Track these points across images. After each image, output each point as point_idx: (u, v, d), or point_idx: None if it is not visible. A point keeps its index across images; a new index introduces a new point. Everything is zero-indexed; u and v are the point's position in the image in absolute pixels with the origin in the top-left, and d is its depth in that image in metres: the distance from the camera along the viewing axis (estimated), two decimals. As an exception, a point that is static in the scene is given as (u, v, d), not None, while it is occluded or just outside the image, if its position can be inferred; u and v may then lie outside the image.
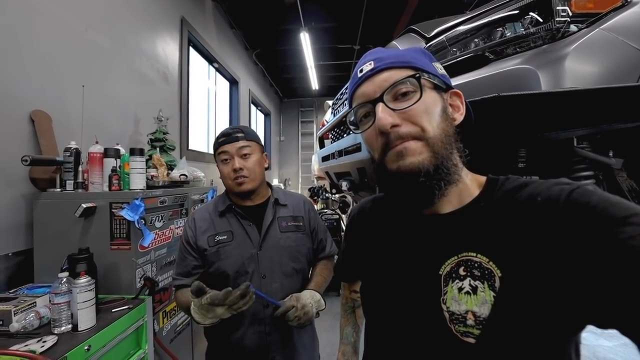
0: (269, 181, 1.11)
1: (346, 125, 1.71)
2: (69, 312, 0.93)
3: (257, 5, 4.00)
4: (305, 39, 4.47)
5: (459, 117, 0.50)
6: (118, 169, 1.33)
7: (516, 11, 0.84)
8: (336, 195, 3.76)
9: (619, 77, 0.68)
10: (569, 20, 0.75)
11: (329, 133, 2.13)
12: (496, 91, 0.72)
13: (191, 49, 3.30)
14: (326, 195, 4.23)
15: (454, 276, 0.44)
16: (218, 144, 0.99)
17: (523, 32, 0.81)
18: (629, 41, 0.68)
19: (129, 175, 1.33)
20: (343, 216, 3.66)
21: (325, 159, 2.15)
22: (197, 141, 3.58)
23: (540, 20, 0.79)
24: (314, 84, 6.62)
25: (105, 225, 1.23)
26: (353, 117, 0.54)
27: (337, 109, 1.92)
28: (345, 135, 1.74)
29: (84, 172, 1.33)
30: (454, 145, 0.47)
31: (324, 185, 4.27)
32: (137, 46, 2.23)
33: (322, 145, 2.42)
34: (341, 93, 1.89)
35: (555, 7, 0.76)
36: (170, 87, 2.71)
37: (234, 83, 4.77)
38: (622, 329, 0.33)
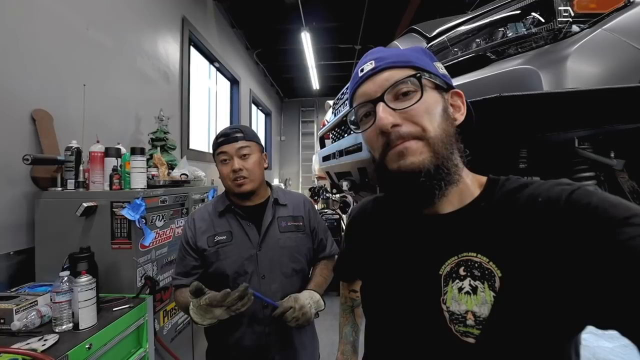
0: (269, 181, 1.10)
1: (347, 125, 1.71)
2: (70, 310, 0.93)
3: (258, 4, 4.00)
4: (306, 39, 4.47)
5: (460, 117, 0.50)
6: (119, 168, 1.33)
7: (518, 11, 0.84)
8: (337, 195, 3.77)
9: (621, 77, 0.68)
10: (571, 20, 0.75)
11: (330, 133, 2.12)
12: (498, 91, 0.72)
13: (192, 49, 3.30)
14: (327, 195, 4.23)
15: (454, 276, 0.44)
16: (217, 144, 0.98)
17: (525, 33, 0.81)
18: (631, 42, 0.68)
19: (129, 175, 1.33)
20: (343, 216, 3.67)
21: (326, 158, 2.15)
22: (198, 141, 3.58)
23: (542, 20, 0.79)
24: (315, 83, 6.62)
25: (106, 225, 1.23)
26: (354, 116, 0.54)
27: (337, 108, 1.92)
28: (346, 135, 1.74)
29: (85, 171, 1.33)
30: (454, 146, 0.47)
31: (324, 185, 4.28)
32: (139, 45, 2.24)
33: (322, 145, 2.42)
34: (342, 93, 1.89)
35: (558, 8, 0.76)
36: (171, 86, 2.72)
37: (234, 83, 4.77)
38: (622, 330, 0.33)
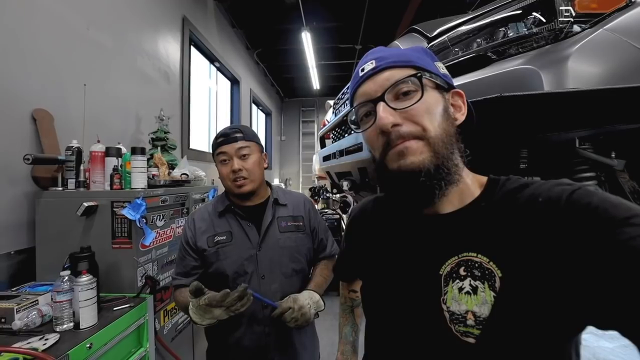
0: (269, 181, 1.10)
1: (347, 125, 1.71)
2: (70, 310, 0.93)
3: (258, 4, 4.00)
4: (307, 39, 4.47)
5: (461, 117, 0.50)
6: (119, 168, 1.33)
7: (519, 11, 0.83)
8: (337, 195, 3.76)
9: (622, 77, 0.68)
10: (572, 20, 0.75)
11: (330, 133, 2.12)
12: (498, 91, 0.72)
13: (192, 48, 3.30)
14: (327, 195, 4.23)
15: (454, 276, 0.44)
16: (216, 145, 0.98)
17: (526, 32, 0.81)
18: (632, 42, 0.68)
19: (130, 174, 1.33)
20: (344, 216, 3.66)
21: (326, 158, 2.15)
22: (199, 140, 3.58)
23: (543, 20, 0.79)
24: (315, 83, 6.62)
25: (106, 224, 1.23)
26: (354, 116, 0.54)
27: (338, 108, 1.91)
28: (346, 135, 1.74)
29: (85, 171, 1.33)
30: (455, 145, 0.47)
31: (324, 185, 4.28)
32: (139, 45, 2.24)
33: (323, 145, 2.41)
34: (342, 93, 1.89)
35: (559, 7, 0.75)
36: (171, 86, 2.72)
37: (235, 82, 4.77)
38: (622, 331, 0.33)
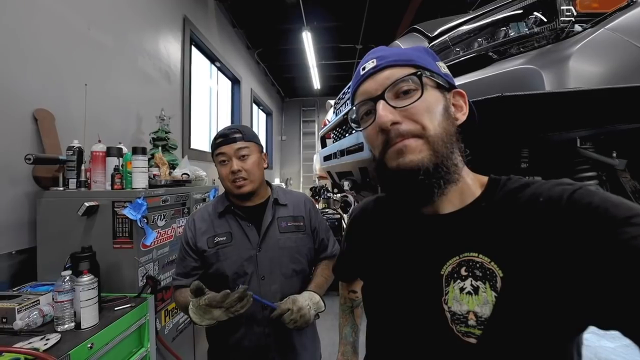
0: (270, 180, 1.10)
1: (348, 124, 1.70)
2: (72, 310, 0.93)
3: (259, 4, 4.00)
4: (307, 39, 4.47)
5: (462, 117, 0.50)
6: (120, 167, 1.34)
7: (520, 11, 0.83)
8: (338, 195, 3.76)
9: (624, 77, 0.67)
10: (573, 20, 0.75)
11: (331, 132, 2.12)
12: (499, 91, 0.72)
13: (193, 48, 3.31)
14: (328, 194, 4.23)
15: (455, 276, 0.44)
16: (215, 145, 0.97)
17: (527, 32, 0.81)
18: (633, 41, 0.68)
19: (131, 174, 1.33)
20: (344, 216, 3.66)
21: (327, 158, 2.14)
22: (199, 140, 3.59)
23: (544, 20, 0.79)
24: (316, 83, 6.62)
25: (107, 224, 1.23)
26: (355, 114, 0.54)
27: (339, 108, 1.91)
28: (347, 135, 1.74)
29: (86, 170, 1.34)
30: (455, 145, 0.47)
31: (325, 185, 4.27)
32: (140, 45, 2.24)
33: (324, 144, 2.41)
34: (343, 92, 1.89)
35: (560, 7, 0.75)
36: (172, 86, 2.72)
37: (235, 82, 4.77)
38: (624, 330, 0.33)
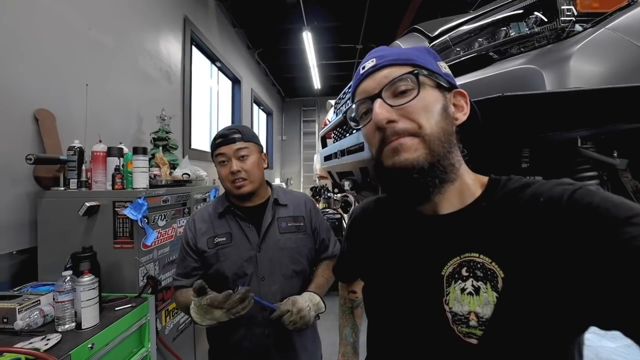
0: (270, 180, 1.10)
1: (348, 124, 1.70)
2: (72, 310, 0.94)
3: (259, 4, 4.01)
4: (308, 38, 4.47)
5: (462, 117, 0.50)
6: (121, 167, 1.34)
7: (521, 11, 0.83)
8: (338, 195, 3.76)
9: (625, 77, 0.67)
10: (574, 19, 0.75)
11: (332, 132, 2.12)
12: (500, 91, 0.72)
13: (194, 48, 3.31)
14: (328, 194, 4.22)
15: (456, 277, 0.44)
16: (215, 146, 0.97)
17: (527, 32, 0.80)
18: (634, 41, 0.68)
19: (132, 174, 1.34)
20: (345, 216, 3.66)
21: (327, 158, 2.14)
22: (200, 140, 3.59)
23: (545, 19, 0.78)
24: (316, 83, 6.63)
25: (108, 224, 1.23)
26: (354, 113, 0.54)
27: (339, 108, 1.91)
28: (347, 135, 1.73)
29: (87, 170, 1.34)
30: (453, 144, 0.47)
31: (326, 185, 4.27)
32: (141, 45, 2.24)
33: (324, 144, 2.41)
34: (344, 92, 1.88)
35: (560, 7, 0.75)
36: (173, 86, 2.72)
37: (236, 82, 4.77)
38: (625, 331, 0.33)
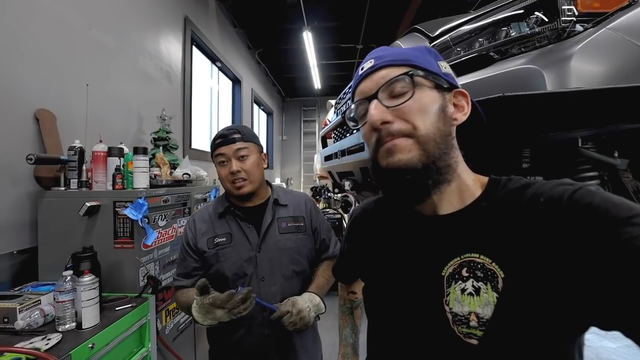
0: (270, 180, 1.10)
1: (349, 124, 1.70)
2: (73, 310, 0.94)
3: (259, 4, 4.01)
4: (308, 38, 4.47)
5: (461, 118, 0.49)
6: (122, 167, 1.34)
7: (521, 11, 0.83)
8: (338, 195, 3.76)
9: (626, 77, 0.67)
10: (574, 19, 0.74)
11: (332, 132, 2.12)
12: (501, 91, 0.72)
13: (194, 48, 3.31)
14: (328, 194, 4.22)
15: (456, 277, 0.44)
16: (215, 146, 0.97)
17: (528, 32, 0.80)
18: (635, 41, 0.67)
19: (132, 174, 1.34)
20: (345, 216, 3.66)
21: (327, 158, 2.14)
22: (200, 140, 3.59)
23: (545, 19, 0.78)
24: (317, 83, 6.62)
25: (108, 224, 1.23)
26: (353, 113, 0.54)
27: (340, 108, 1.91)
28: (348, 135, 1.73)
29: (88, 170, 1.34)
30: (449, 146, 0.46)
31: (326, 185, 4.27)
32: (141, 45, 2.24)
33: (324, 144, 2.41)
34: (344, 92, 1.88)
35: (561, 7, 0.75)
36: (173, 86, 2.72)
37: (236, 82, 4.78)
38: (625, 331, 0.33)
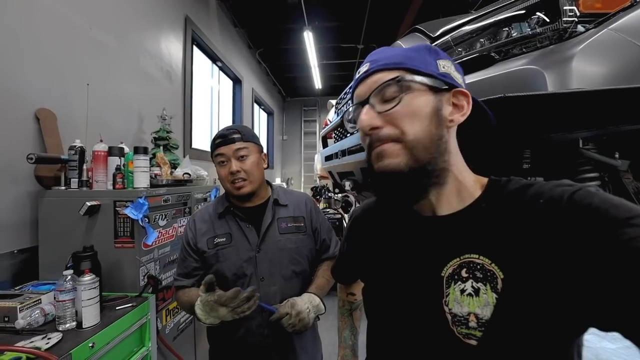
0: (271, 180, 1.10)
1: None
2: (73, 309, 0.94)
3: (260, 4, 4.00)
4: (309, 38, 4.47)
5: (459, 118, 0.48)
6: (122, 167, 1.34)
7: (523, 11, 0.83)
8: (339, 195, 3.76)
9: (627, 78, 0.67)
10: (576, 20, 0.74)
11: (332, 132, 2.12)
12: (502, 92, 0.71)
13: (195, 48, 3.31)
14: (329, 194, 4.22)
15: (456, 278, 0.44)
16: (215, 146, 0.97)
17: (529, 32, 0.80)
18: (637, 42, 0.67)
19: (132, 174, 1.34)
20: (345, 216, 3.66)
21: (328, 158, 2.14)
22: (201, 140, 3.59)
23: (547, 20, 0.78)
24: (317, 83, 6.62)
25: (109, 224, 1.24)
26: (351, 115, 0.55)
27: (340, 108, 1.91)
28: (348, 135, 1.73)
29: (88, 170, 1.34)
30: (443, 149, 0.46)
31: (326, 185, 4.27)
32: (142, 45, 2.24)
33: (325, 144, 2.41)
34: (345, 92, 1.88)
35: (563, 7, 0.75)
36: (174, 85, 2.72)
37: (237, 82, 4.78)
38: (624, 332, 0.33)
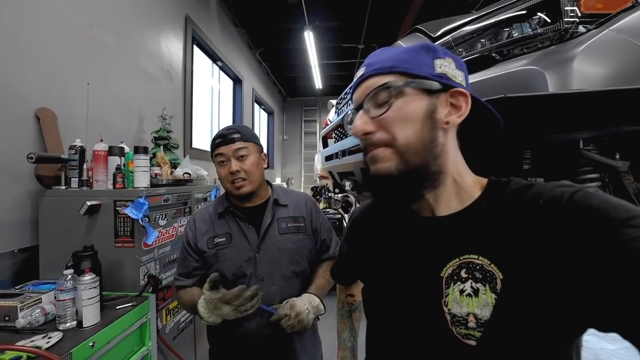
0: (271, 180, 1.10)
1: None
2: (74, 308, 0.94)
3: (261, 3, 4.00)
4: (309, 38, 4.47)
5: (455, 120, 0.47)
6: (122, 167, 1.34)
7: (524, 11, 0.83)
8: (339, 195, 3.76)
9: (628, 78, 0.67)
10: (577, 20, 0.74)
11: (333, 133, 2.12)
12: (503, 92, 0.71)
13: (195, 47, 3.31)
14: (329, 194, 4.22)
15: (455, 278, 0.44)
16: (214, 146, 0.97)
17: (530, 33, 0.80)
18: (638, 42, 0.67)
19: (133, 174, 1.34)
20: (346, 216, 3.66)
21: (328, 158, 2.14)
22: (201, 139, 3.59)
23: (548, 20, 0.78)
24: (318, 83, 6.62)
25: (109, 223, 1.24)
26: (350, 118, 0.56)
27: (340, 108, 1.91)
28: (348, 135, 1.73)
29: (88, 169, 1.34)
30: (436, 152, 0.46)
31: (326, 185, 4.27)
32: (142, 44, 2.24)
33: (325, 144, 2.41)
34: (345, 92, 1.88)
35: (564, 8, 0.75)
36: (174, 85, 2.72)
37: (237, 82, 4.78)
38: (623, 333, 0.33)
